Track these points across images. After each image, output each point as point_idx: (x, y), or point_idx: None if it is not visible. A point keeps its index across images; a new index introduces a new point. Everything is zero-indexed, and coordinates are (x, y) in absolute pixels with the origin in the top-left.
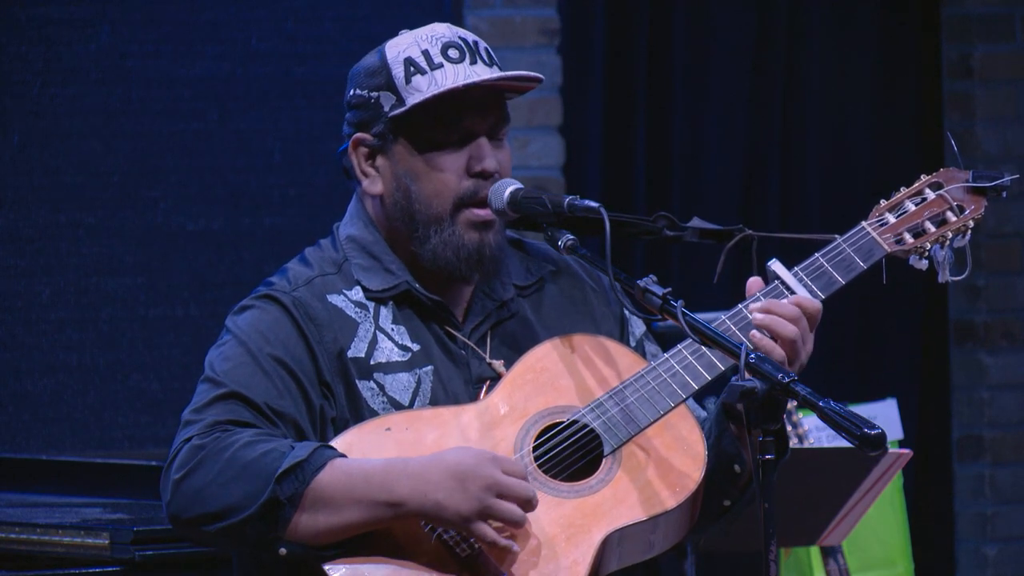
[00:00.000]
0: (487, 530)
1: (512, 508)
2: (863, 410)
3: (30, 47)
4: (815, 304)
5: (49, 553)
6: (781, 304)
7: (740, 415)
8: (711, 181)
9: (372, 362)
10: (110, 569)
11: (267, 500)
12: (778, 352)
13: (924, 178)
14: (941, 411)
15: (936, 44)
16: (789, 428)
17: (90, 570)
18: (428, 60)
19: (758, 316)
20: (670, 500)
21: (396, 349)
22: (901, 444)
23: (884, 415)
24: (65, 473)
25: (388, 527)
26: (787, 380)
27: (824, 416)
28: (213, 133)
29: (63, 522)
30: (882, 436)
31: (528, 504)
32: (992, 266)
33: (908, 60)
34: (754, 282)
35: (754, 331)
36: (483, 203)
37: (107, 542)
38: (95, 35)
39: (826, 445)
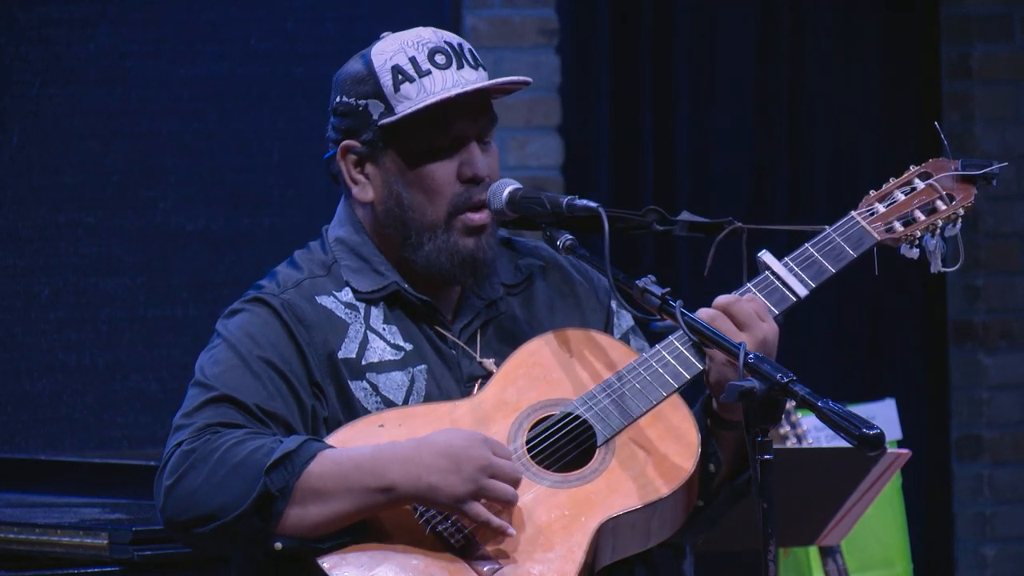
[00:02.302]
0: (481, 509)
1: (505, 487)
2: (862, 410)
3: (29, 47)
4: (755, 303)
5: (48, 553)
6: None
7: (715, 412)
8: (719, 180)
9: (364, 362)
10: (109, 569)
11: (259, 495)
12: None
13: (913, 168)
14: (940, 411)
15: (936, 44)
16: (788, 428)
17: (89, 570)
18: (416, 67)
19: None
20: (664, 488)
21: (388, 348)
22: (900, 444)
23: (883, 415)
24: (64, 473)
25: (382, 520)
26: (786, 380)
27: (823, 416)
28: (212, 133)
29: (62, 522)
30: (881, 436)
31: (517, 484)
32: (991, 266)
33: (910, 59)
34: None
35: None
36: (477, 207)
37: (106, 542)
38: (94, 35)
39: (825, 445)
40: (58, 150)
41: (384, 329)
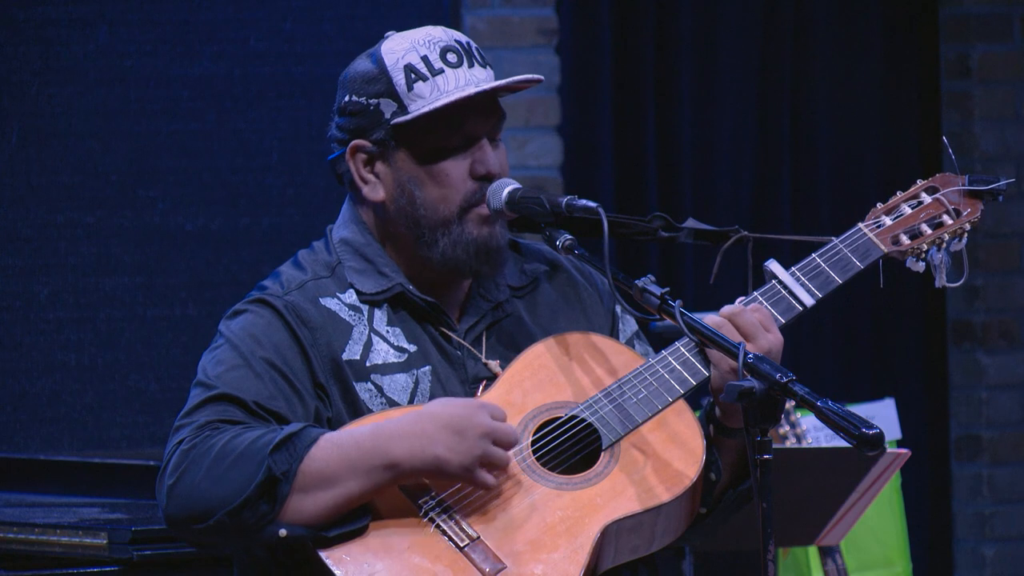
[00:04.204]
0: (487, 476)
1: (505, 454)
2: (861, 410)
3: (28, 47)
4: (761, 312)
5: (47, 553)
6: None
7: (718, 420)
8: (722, 183)
9: (368, 364)
10: (108, 569)
11: (263, 479)
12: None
13: (920, 182)
14: (939, 411)
15: (935, 44)
16: (787, 428)
17: (88, 570)
18: (428, 66)
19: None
20: (666, 494)
21: (392, 351)
22: (899, 444)
23: (882, 415)
24: (63, 473)
25: (385, 517)
26: (785, 380)
27: (822, 416)
28: (211, 133)
29: (61, 522)
30: (880, 436)
31: (514, 445)
32: (990, 266)
33: (909, 59)
34: None
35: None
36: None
37: (105, 542)
38: (93, 35)
39: (824, 445)
40: (57, 150)
41: (388, 331)
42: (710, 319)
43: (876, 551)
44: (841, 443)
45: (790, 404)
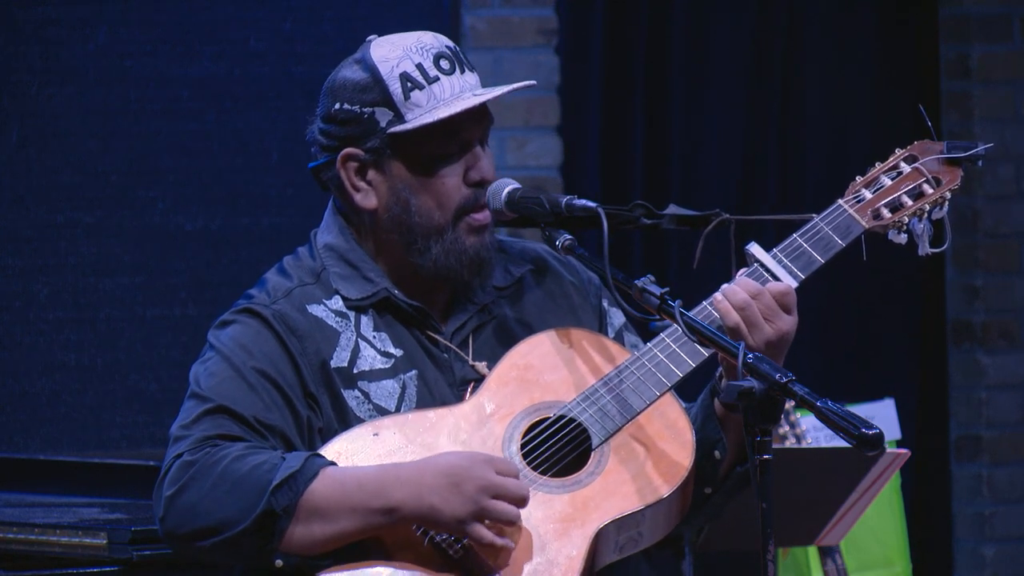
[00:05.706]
0: (483, 531)
1: (507, 508)
2: (861, 410)
3: (28, 47)
4: (780, 286)
5: (47, 553)
6: (743, 279)
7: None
8: (709, 181)
9: (355, 371)
10: (108, 569)
11: (262, 512)
12: (732, 316)
13: (899, 152)
14: (939, 411)
15: (934, 44)
16: (787, 428)
17: (88, 570)
18: (423, 74)
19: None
20: (662, 488)
21: (379, 356)
22: (899, 444)
23: (882, 415)
24: (63, 473)
25: (381, 531)
26: (785, 380)
27: (822, 416)
28: (211, 133)
29: (61, 522)
30: (880, 436)
31: (523, 502)
32: (990, 266)
33: (908, 59)
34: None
35: (717, 295)
36: (481, 208)
37: (105, 542)
38: (93, 35)
39: (824, 445)
40: (57, 150)
41: (374, 337)
42: (739, 298)
43: (876, 551)
44: (841, 443)
45: (790, 404)
